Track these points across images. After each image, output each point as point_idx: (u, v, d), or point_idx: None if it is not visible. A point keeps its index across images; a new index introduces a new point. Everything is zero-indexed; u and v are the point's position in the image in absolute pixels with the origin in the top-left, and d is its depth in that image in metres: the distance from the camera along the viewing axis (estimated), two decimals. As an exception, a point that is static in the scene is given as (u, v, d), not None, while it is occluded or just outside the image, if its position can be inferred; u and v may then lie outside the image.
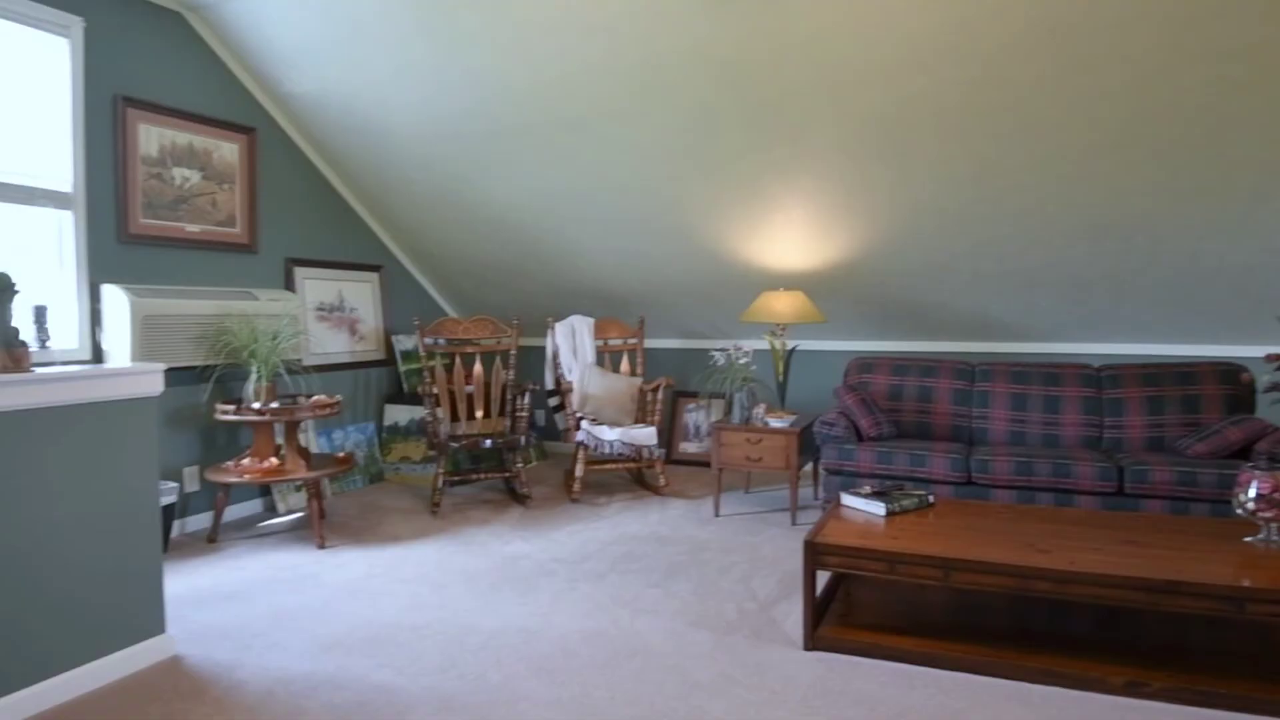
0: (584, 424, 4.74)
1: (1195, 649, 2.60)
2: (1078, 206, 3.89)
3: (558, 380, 5.12)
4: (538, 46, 3.72)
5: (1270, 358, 3.74)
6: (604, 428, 4.73)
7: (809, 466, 4.92)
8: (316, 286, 4.99)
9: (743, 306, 5.00)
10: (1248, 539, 2.65)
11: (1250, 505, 2.60)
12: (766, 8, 3.29)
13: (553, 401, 5.35)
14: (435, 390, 4.62)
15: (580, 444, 4.72)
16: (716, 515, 4.37)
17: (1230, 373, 3.90)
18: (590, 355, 5.18)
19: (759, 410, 4.40)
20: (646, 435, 4.72)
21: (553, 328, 5.20)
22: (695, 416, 5.74)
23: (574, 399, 4.93)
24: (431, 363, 4.83)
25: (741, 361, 4.50)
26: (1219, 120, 3.33)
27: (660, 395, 4.97)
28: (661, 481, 4.87)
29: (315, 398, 4.16)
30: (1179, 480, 3.40)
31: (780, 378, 4.61)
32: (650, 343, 5.78)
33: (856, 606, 2.98)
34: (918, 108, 3.60)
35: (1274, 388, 3.72)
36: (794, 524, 4.18)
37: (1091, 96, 3.36)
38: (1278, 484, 2.56)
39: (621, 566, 3.56)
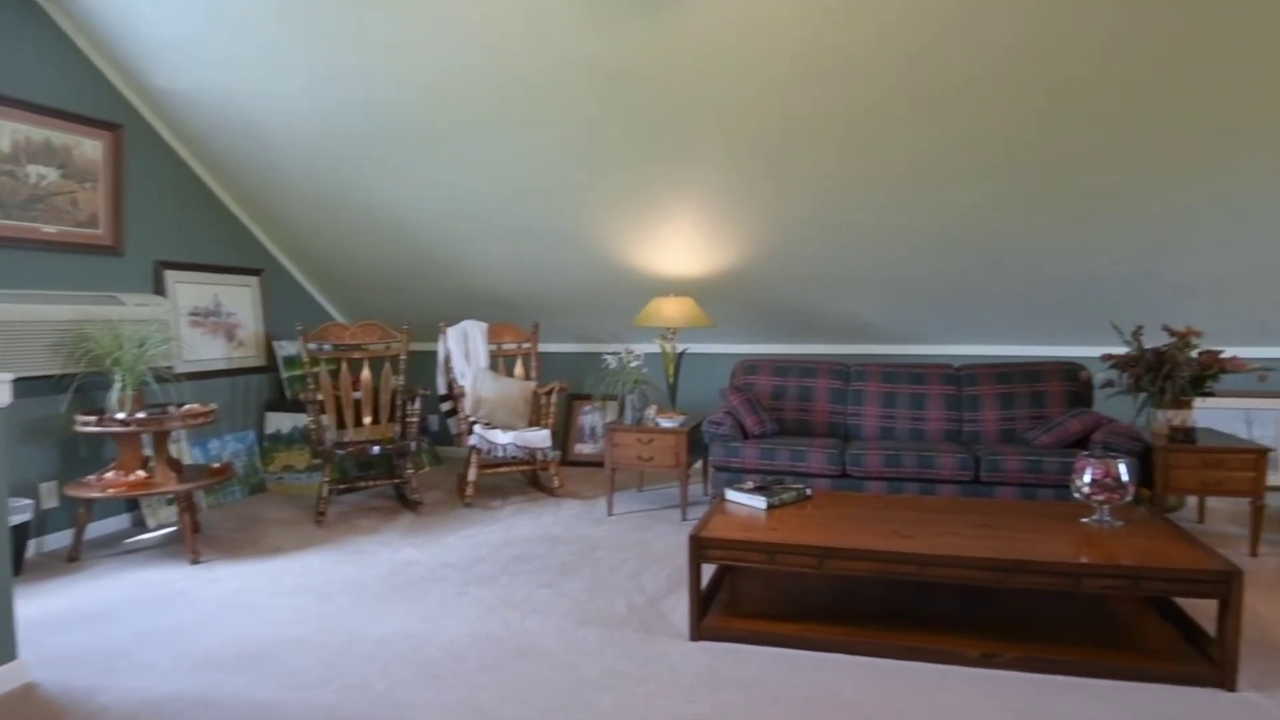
0: (477, 428, 4.67)
1: (1041, 621, 2.79)
2: (939, 221, 4.14)
3: (450, 385, 5.03)
4: (424, 49, 3.64)
5: (1105, 358, 4.09)
6: (497, 431, 4.67)
7: (700, 464, 5.00)
8: (190, 290, 4.71)
9: (635, 312, 5.05)
10: (1084, 520, 2.87)
11: (1086, 489, 2.82)
12: (655, 28, 3.34)
13: (445, 406, 5.23)
14: (319, 397, 4.44)
15: (473, 448, 4.64)
16: (610, 514, 4.38)
17: (1071, 371, 4.22)
18: (484, 360, 5.10)
19: (650, 411, 4.45)
20: (540, 438, 4.69)
21: (445, 332, 5.09)
22: (591, 418, 5.74)
23: (467, 403, 4.84)
24: (316, 369, 4.64)
25: (633, 365, 4.54)
26: (1058, 149, 3.62)
27: (554, 398, 4.95)
28: (556, 483, 4.85)
29: (187, 407, 3.91)
30: (1027, 468, 3.66)
31: (671, 380, 4.67)
32: (545, 347, 5.75)
33: (741, 596, 3.06)
34: (796, 127, 3.75)
35: (1109, 384, 4.07)
36: (684, 519, 4.24)
37: (948, 124, 3.58)
38: (1109, 470, 2.79)
39: (513, 568, 3.52)
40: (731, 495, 3.20)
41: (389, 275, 5.46)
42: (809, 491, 3.27)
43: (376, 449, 4.40)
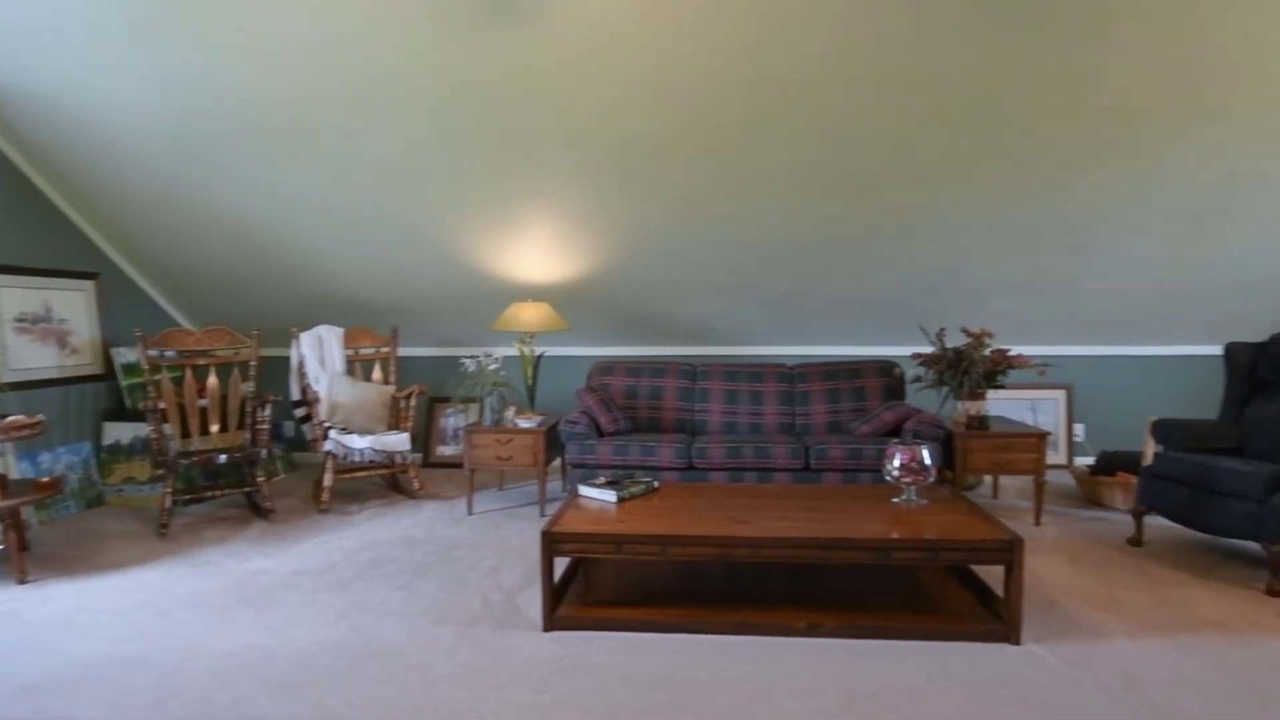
0: (332, 433, 4.44)
1: (860, 592, 2.97)
2: (774, 234, 4.34)
3: (304, 390, 4.75)
4: (267, 50, 3.43)
5: (915, 356, 4.41)
6: (354, 436, 4.46)
7: (559, 462, 4.98)
8: (16, 295, 4.21)
9: (495, 316, 4.97)
10: (895, 500, 3.09)
11: (895, 473, 3.03)
12: (507, 42, 3.30)
13: (299, 412, 4.94)
14: (161, 405, 4.08)
15: (329, 453, 4.41)
16: (470, 514, 4.29)
17: (887, 368, 4.53)
18: (339, 364, 4.85)
19: (510, 413, 4.39)
20: (399, 441, 4.52)
21: (298, 337, 4.81)
22: (453, 421, 5.60)
23: (322, 408, 4.59)
24: (157, 376, 4.26)
25: (492, 368, 4.46)
26: (877, 173, 3.89)
27: (414, 402, 4.79)
28: (416, 485, 4.69)
29: (11, 418, 3.49)
30: (849, 456, 3.89)
31: (530, 382, 4.63)
32: (405, 351, 5.55)
33: (595, 586, 3.07)
34: (644, 144, 3.82)
35: (918, 379, 4.39)
36: (542, 515, 4.22)
37: (783, 148, 3.76)
38: (915, 455, 3.01)
39: (368, 573, 3.37)
40: (584, 491, 3.20)
41: (238, 280, 5.10)
42: (657, 484, 3.33)
43: (224, 457, 4.09)
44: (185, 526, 4.10)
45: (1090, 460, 4.99)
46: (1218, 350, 4.69)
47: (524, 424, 4.27)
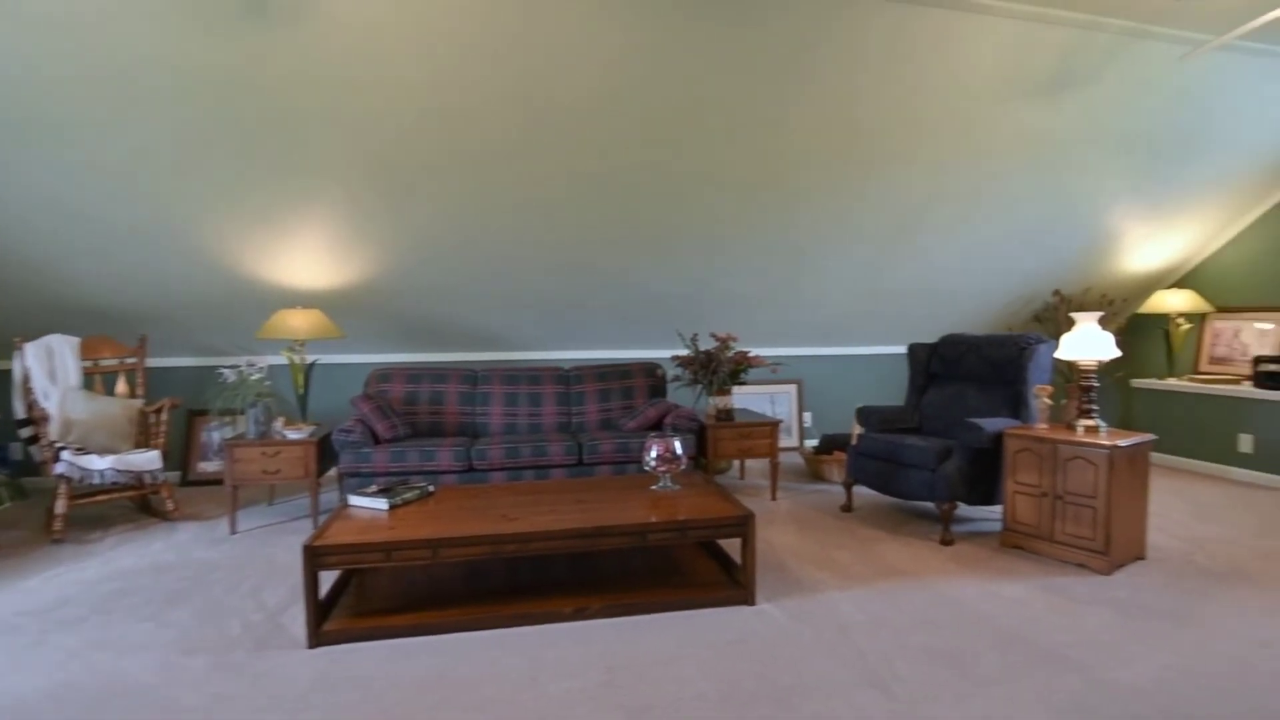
0: (65, 454, 3.74)
1: (624, 573, 3.04)
2: (548, 246, 4.34)
3: (30, 407, 3.96)
4: (-35, 24, 2.81)
5: (674, 358, 4.63)
6: (92, 456, 3.79)
7: (335, 472, 4.60)
8: None
9: (261, 324, 4.48)
10: (653, 487, 3.21)
11: (653, 463, 3.15)
12: (267, 41, 2.98)
13: (25, 432, 4.10)
14: None
15: (61, 476, 3.71)
16: (233, 533, 3.82)
17: (651, 369, 4.71)
18: (74, 378, 4.10)
19: (277, 424, 3.98)
20: (147, 460, 3.92)
21: (22, 349, 4.00)
22: (218, 435, 4.96)
23: (52, 427, 3.86)
24: None
25: (255, 377, 4.01)
26: (638, 192, 4.02)
27: (165, 416, 4.18)
28: (170, 507, 4.08)
29: None
30: (618, 449, 3.99)
31: (300, 391, 4.22)
32: (157, 361, 4.82)
33: (369, 596, 2.86)
34: (416, 151, 3.63)
35: (676, 379, 4.60)
36: (315, 529, 3.86)
37: (553, 164, 3.76)
38: (668, 447, 3.15)
39: (109, 606, 2.87)
40: (355, 500, 2.97)
41: (-63, 284, 4.14)
42: (432, 489, 3.18)
43: (-86, 490, 3.29)
44: None
45: (815, 442, 5.56)
46: (905, 349, 5.44)
47: (293, 435, 3.88)
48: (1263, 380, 4.66)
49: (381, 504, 2.90)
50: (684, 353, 4.53)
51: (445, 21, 3.04)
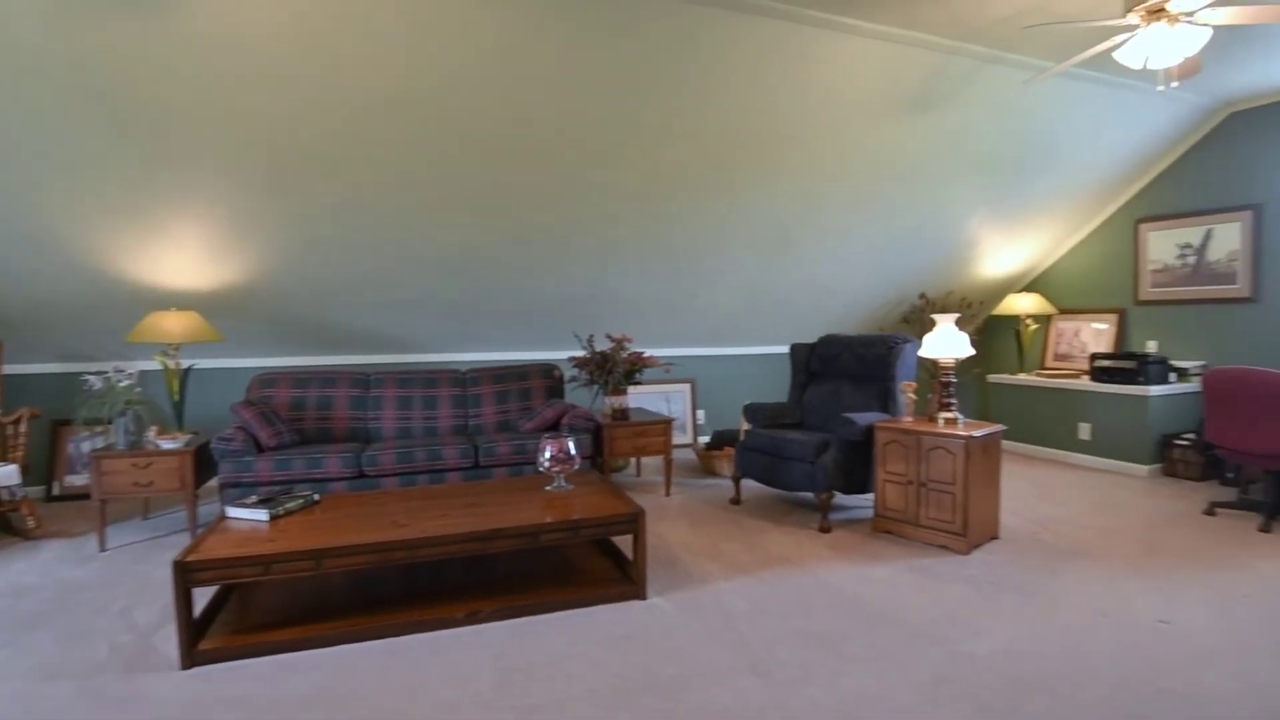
0: (-104, 473, 3.32)
1: (517, 575, 3.00)
2: (443, 249, 4.21)
3: None
4: None
5: (572, 359, 4.62)
6: (-70, 474, 3.38)
7: (216, 483, 4.30)
8: None
9: (132, 326, 4.12)
10: (547, 488, 3.18)
11: (547, 463, 3.12)
12: (133, 28, 2.73)
13: None
14: None
15: (-109, 498, 3.29)
16: (102, 550, 3.50)
17: (548, 370, 4.67)
18: (-92, 388, 3.65)
19: (150, 433, 3.68)
20: (4, 474, 3.53)
21: None
22: (87, 446, 4.52)
23: (-121, 444, 3.41)
24: None
25: (124, 384, 3.69)
26: (534, 196, 3.96)
27: (25, 427, 3.78)
28: (31, 524, 3.70)
29: None
30: (514, 451, 3.93)
31: (176, 398, 3.92)
32: (14, 368, 4.35)
33: (251, 610, 2.69)
34: (301, 148, 3.43)
35: (574, 379, 4.59)
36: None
37: (444, 166, 3.65)
38: (562, 447, 3.13)
39: (-52, 637, 2.57)
40: (233, 512, 2.79)
41: None
42: (317, 497, 3.03)
43: None
44: None
45: (707, 439, 5.69)
46: (787, 349, 5.65)
47: (168, 444, 3.60)
48: (1098, 375, 5.13)
49: (262, 515, 2.74)
50: (580, 354, 4.52)
51: (331, 16, 2.90)
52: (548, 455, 3.09)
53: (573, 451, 3.13)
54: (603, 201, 4.16)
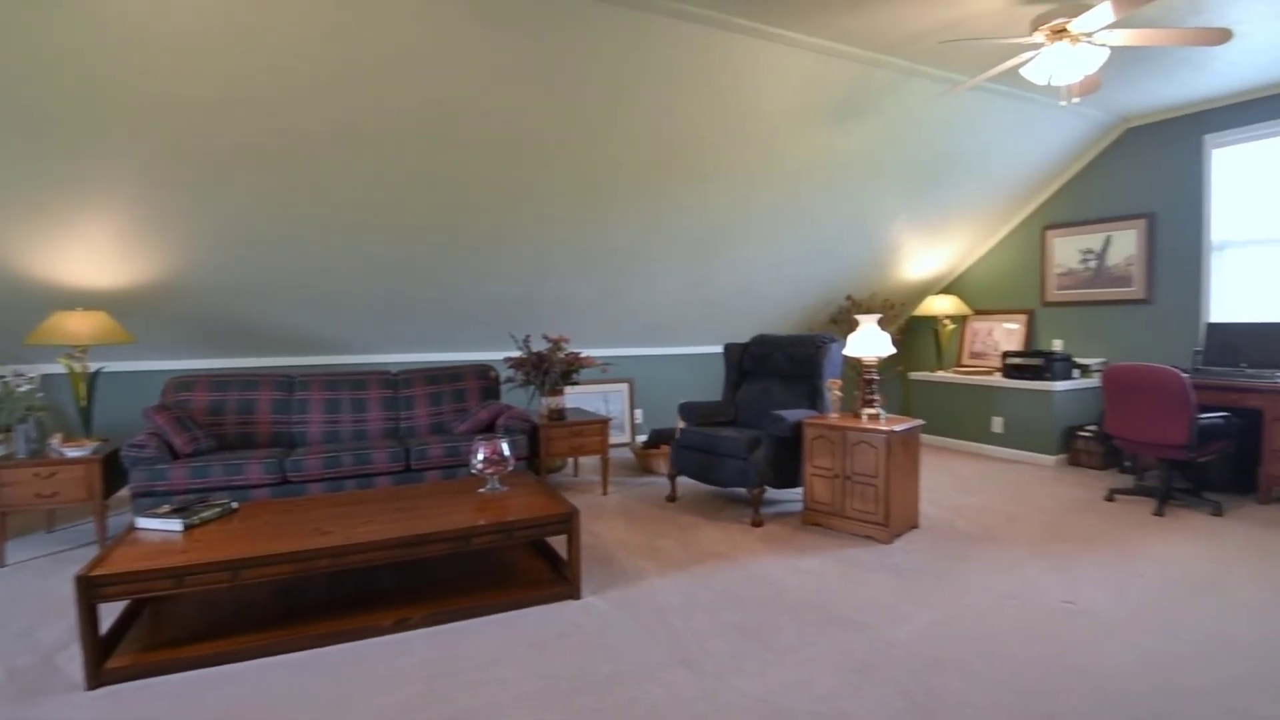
0: None
1: (451, 579, 2.93)
2: (373, 246, 4.07)
3: None
4: None
5: (507, 360, 4.55)
6: None
7: (128, 492, 4.04)
8: None
9: (33, 327, 3.84)
10: (480, 490, 3.11)
11: (480, 465, 3.06)
12: (39, 7, 2.53)
13: None
14: None
15: None
16: (1, 566, 3.24)
17: (484, 371, 4.58)
18: None
19: (54, 440, 3.43)
20: (-120, 489, 3.23)
21: None
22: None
23: None
24: None
25: (24, 389, 3.43)
26: (466, 195, 3.87)
27: (-93, 438, 3.46)
28: (-85, 542, 3.40)
29: None
30: (447, 453, 3.83)
31: (83, 403, 3.66)
32: (-106, 374, 3.99)
33: (165, 625, 2.53)
34: (219, 141, 3.25)
35: (510, 380, 4.52)
36: (104, 555, 3.37)
37: (374, 162, 3.53)
38: (495, 448, 3.07)
39: None
40: (144, 523, 2.62)
41: None
42: (236, 505, 2.88)
43: None
44: None
45: (645, 438, 5.70)
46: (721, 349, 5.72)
47: (73, 453, 3.36)
48: (1009, 372, 5.38)
49: (175, 525, 2.58)
50: (517, 354, 4.46)
51: (251, 5, 2.76)
52: (481, 457, 3.03)
53: (507, 453, 3.08)
54: (539, 202, 4.11)
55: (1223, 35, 2.97)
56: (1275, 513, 3.88)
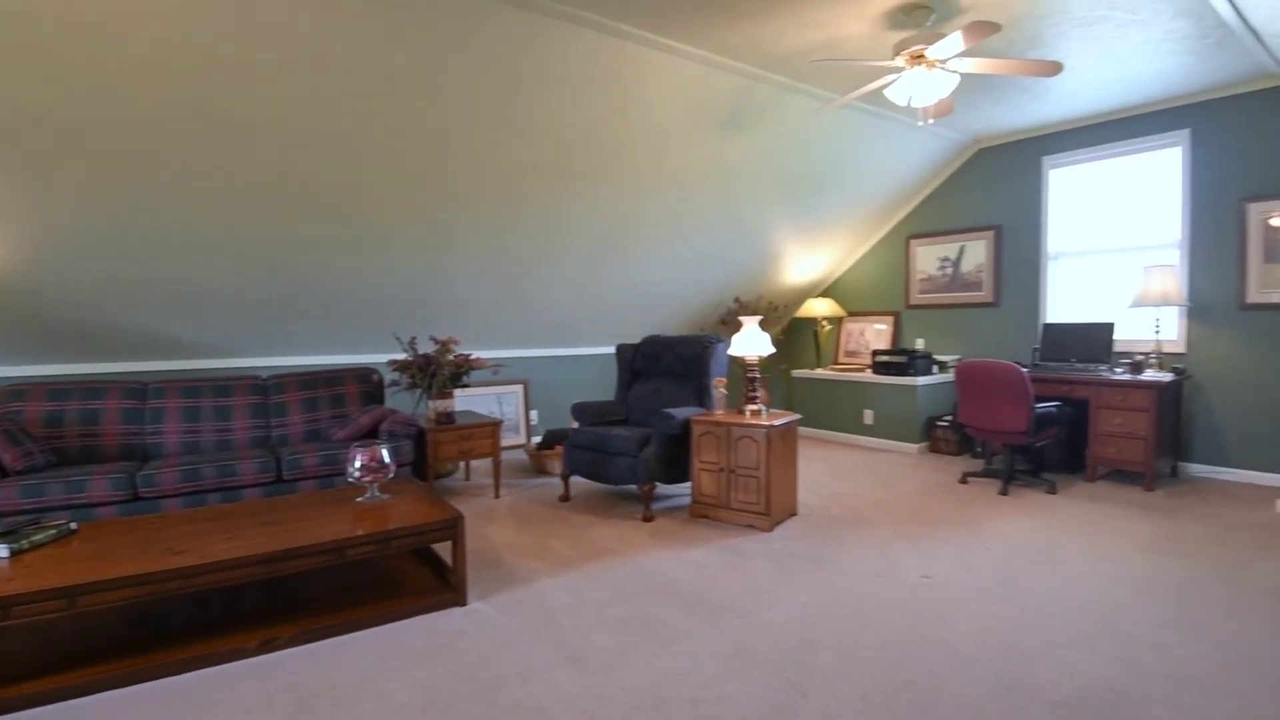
0: None
1: (327, 594, 2.75)
2: (240, 244, 3.77)
3: None
4: None
5: (391, 363, 4.35)
6: None
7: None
8: None
9: None
10: (358, 499, 2.95)
11: (357, 473, 2.90)
12: None
13: None
14: None
15: None
16: None
17: (365, 374, 4.36)
18: None
19: None
20: None
21: None
22: None
23: None
24: None
25: None
26: (347, 191, 3.66)
27: None
28: None
29: None
30: (323, 462, 3.61)
31: (-115, 418, 3.17)
32: None
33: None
34: (56, 125, 2.90)
35: (395, 384, 4.33)
36: (-88, 590, 2.92)
37: (238, 154, 3.26)
38: (374, 455, 2.92)
39: None
40: (-41, 549, 2.30)
41: None
42: (74, 525, 2.58)
43: None
44: None
45: (539, 439, 5.62)
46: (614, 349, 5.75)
47: None
48: (878, 368, 5.73)
49: (1, 551, 2.28)
50: (402, 356, 4.27)
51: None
52: (358, 464, 2.87)
53: (387, 459, 2.93)
54: (431, 201, 3.95)
55: (1055, 68, 3.28)
56: (1100, 489, 4.34)
